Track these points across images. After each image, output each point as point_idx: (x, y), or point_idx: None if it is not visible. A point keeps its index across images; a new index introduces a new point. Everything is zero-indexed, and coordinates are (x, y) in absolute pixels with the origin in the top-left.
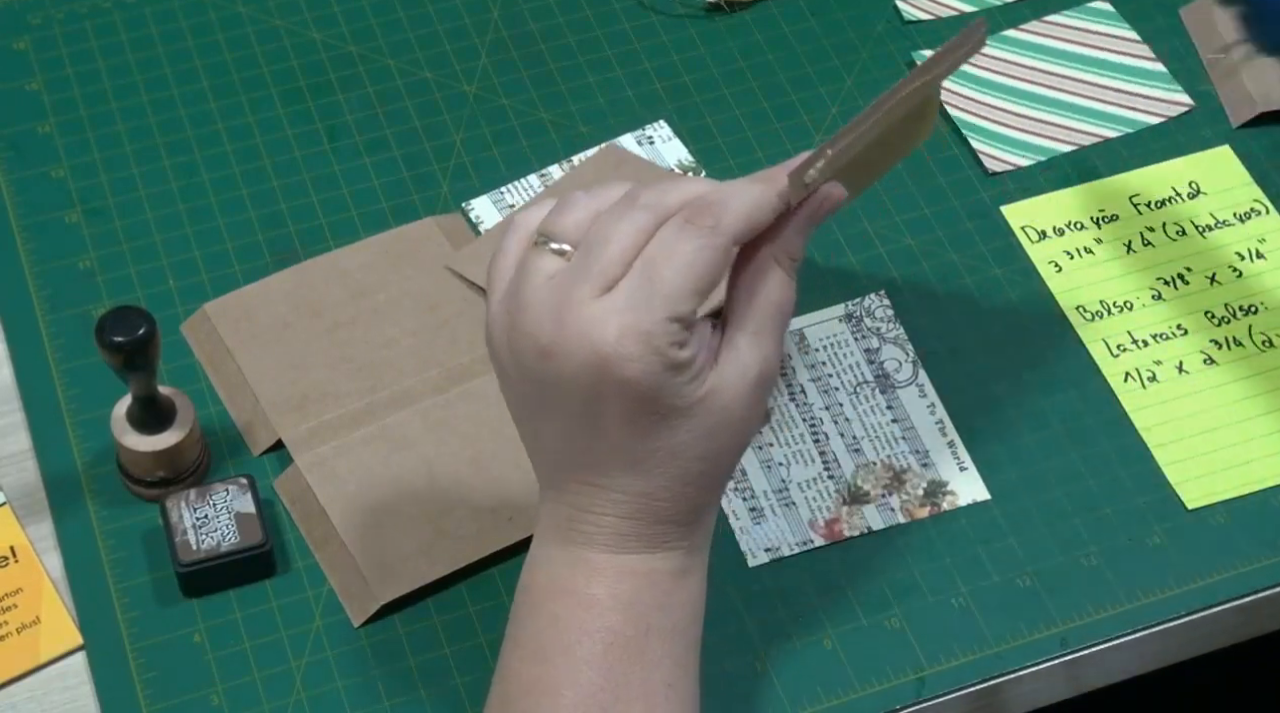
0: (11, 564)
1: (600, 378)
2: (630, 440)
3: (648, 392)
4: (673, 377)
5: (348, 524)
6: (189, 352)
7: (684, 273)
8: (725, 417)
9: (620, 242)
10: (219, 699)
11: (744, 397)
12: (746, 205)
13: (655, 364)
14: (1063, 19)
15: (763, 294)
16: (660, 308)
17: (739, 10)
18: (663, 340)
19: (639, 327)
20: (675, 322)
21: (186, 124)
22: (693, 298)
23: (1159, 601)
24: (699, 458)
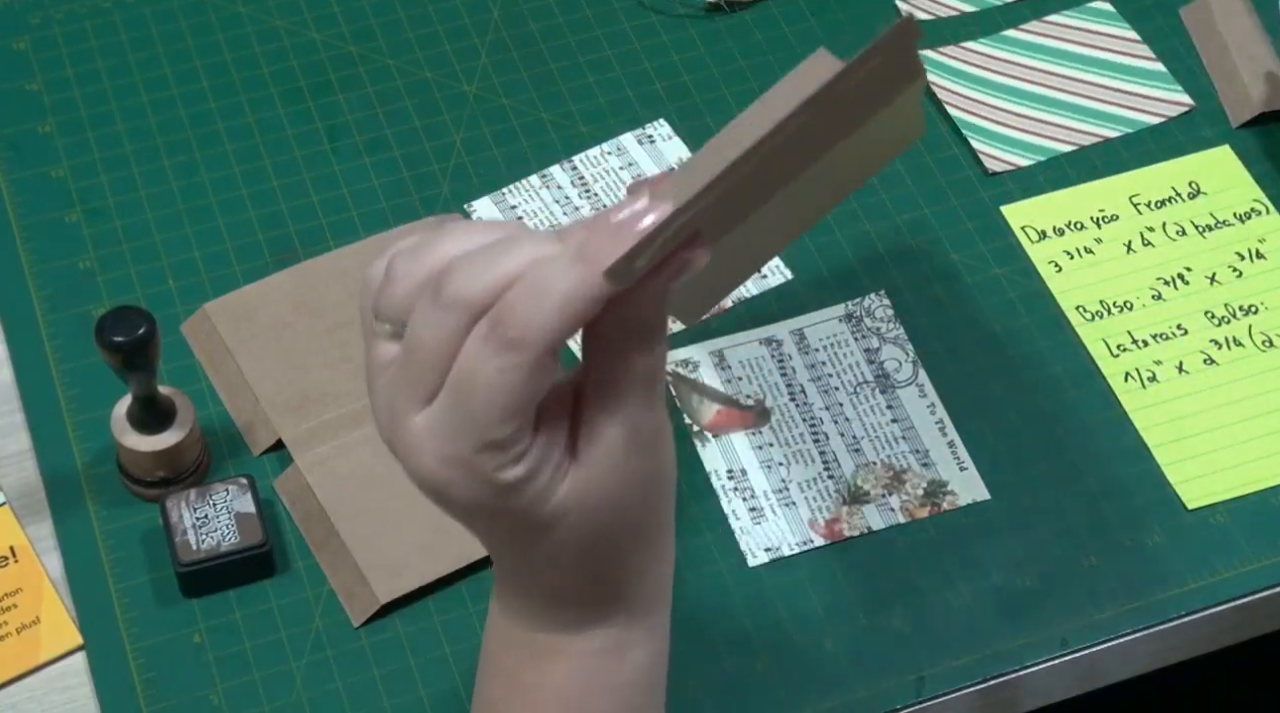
0: (11, 564)
1: (439, 498)
2: (502, 548)
3: (489, 513)
4: (509, 497)
5: (348, 524)
6: (189, 352)
7: (493, 398)
8: (598, 501)
9: (432, 348)
10: (219, 699)
11: (618, 474)
12: (558, 304)
13: (484, 490)
14: (1063, 19)
15: (615, 369)
16: (475, 435)
17: (739, 10)
18: (485, 467)
19: (457, 455)
20: (493, 448)
21: (186, 124)
22: (506, 422)
23: (1159, 600)
24: (587, 549)
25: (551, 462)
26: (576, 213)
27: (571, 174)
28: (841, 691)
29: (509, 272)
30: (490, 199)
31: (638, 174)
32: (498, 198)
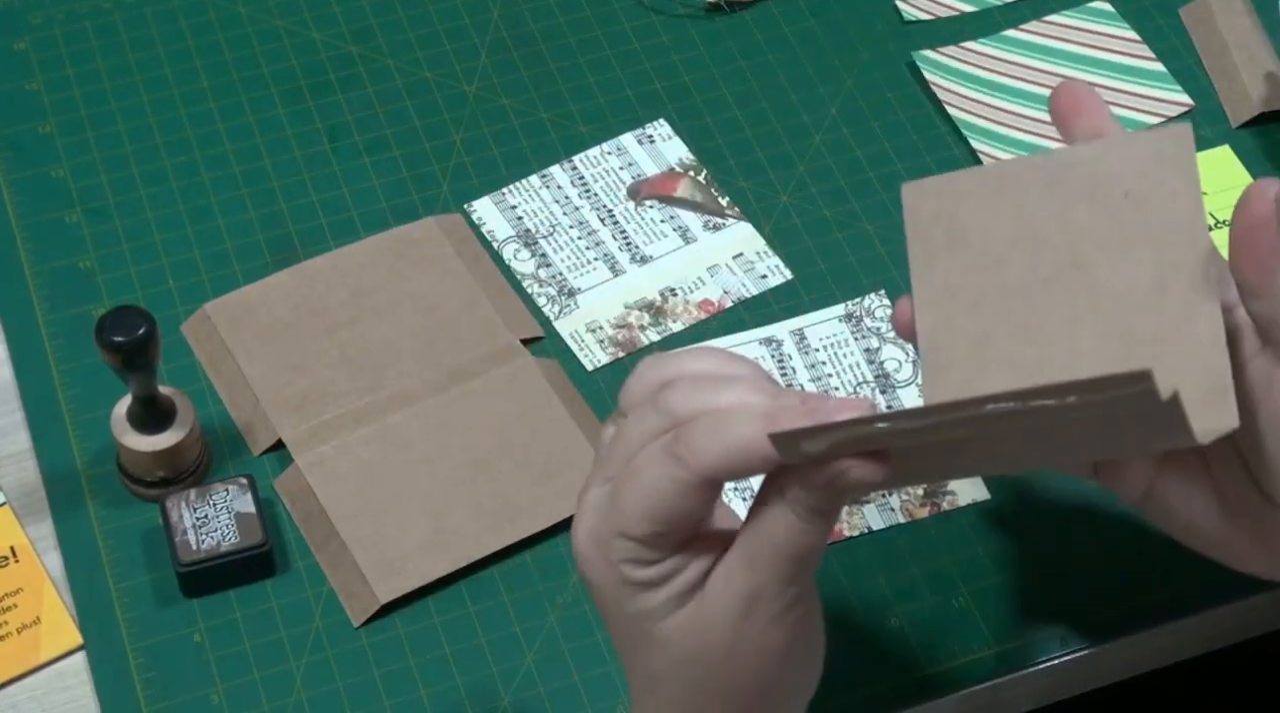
0: (11, 564)
1: (581, 568)
2: (620, 647)
3: (610, 601)
4: (634, 595)
5: (348, 524)
6: (189, 352)
7: (638, 496)
8: (708, 644)
9: (629, 441)
10: (219, 699)
11: (731, 626)
12: (726, 443)
13: (610, 575)
14: (1063, 19)
15: (762, 527)
16: (617, 522)
17: (739, 10)
18: (617, 554)
19: (598, 534)
20: (630, 540)
21: (186, 124)
22: (644, 523)
23: (1159, 601)
24: (686, 688)
25: (679, 581)
26: (576, 213)
27: (571, 174)
28: (841, 691)
29: (716, 403)
30: (490, 199)
31: (638, 174)
32: (498, 198)
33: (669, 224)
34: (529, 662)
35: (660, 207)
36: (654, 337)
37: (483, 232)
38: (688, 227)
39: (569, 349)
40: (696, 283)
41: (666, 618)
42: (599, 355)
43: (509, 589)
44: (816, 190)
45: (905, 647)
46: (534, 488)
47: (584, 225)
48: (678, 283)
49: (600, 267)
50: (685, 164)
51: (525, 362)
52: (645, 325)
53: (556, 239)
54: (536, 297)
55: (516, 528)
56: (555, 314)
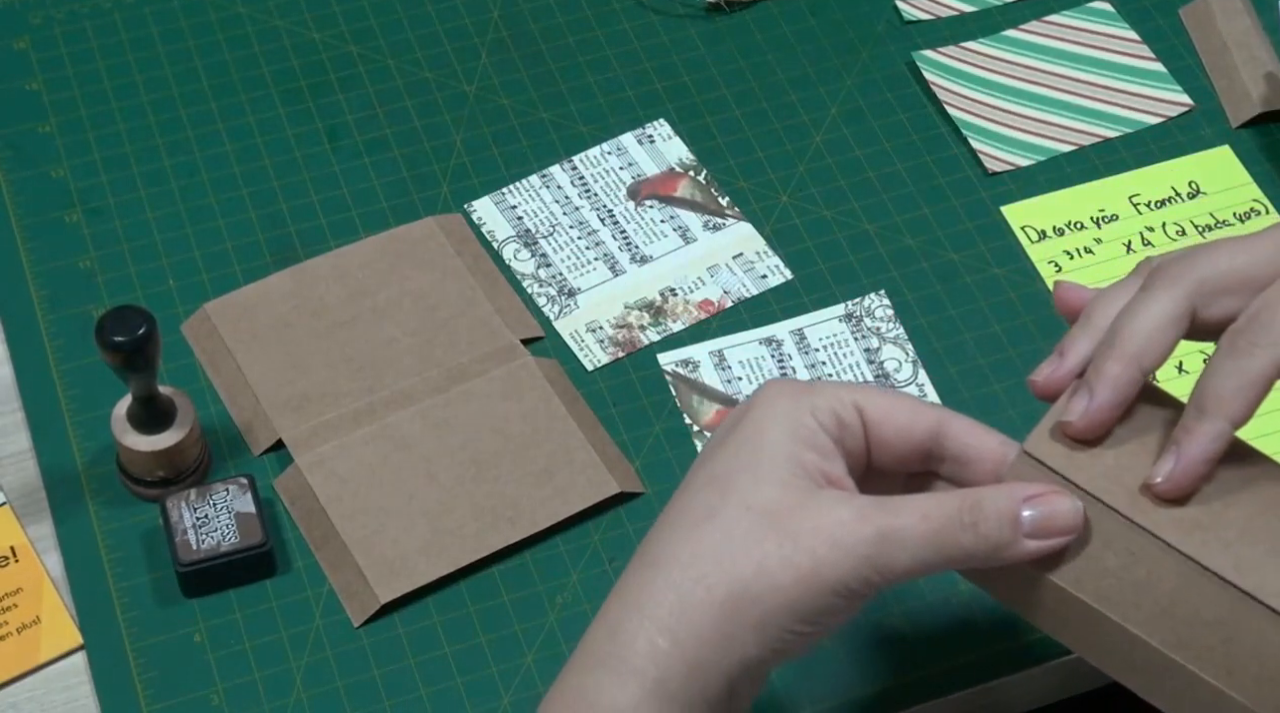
0: (11, 564)
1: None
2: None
3: (762, 433)
4: (800, 448)
5: (348, 524)
6: (189, 352)
7: (877, 393)
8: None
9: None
10: (219, 699)
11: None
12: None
13: (789, 425)
14: (1063, 19)
15: (945, 504)
16: (833, 387)
17: (739, 10)
18: (821, 399)
19: (800, 393)
20: (835, 403)
21: (186, 124)
22: (859, 393)
23: None
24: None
25: (837, 470)
26: (576, 213)
27: (571, 174)
28: (841, 691)
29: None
30: (490, 199)
31: (638, 174)
32: (498, 198)
33: (669, 224)
34: (529, 662)
35: (660, 207)
36: (654, 336)
37: (483, 232)
38: (688, 227)
39: (569, 349)
40: (696, 283)
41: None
42: (599, 355)
43: (509, 589)
44: (816, 190)
45: (905, 647)
46: (534, 488)
47: (584, 225)
48: (678, 283)
49: (600, 267)
50: (685, 164)
51: (525, 362)
52: (645, 325)
53: (556, 239)
54: (536, 297)
55: (516, 528)
56: (555, 314)
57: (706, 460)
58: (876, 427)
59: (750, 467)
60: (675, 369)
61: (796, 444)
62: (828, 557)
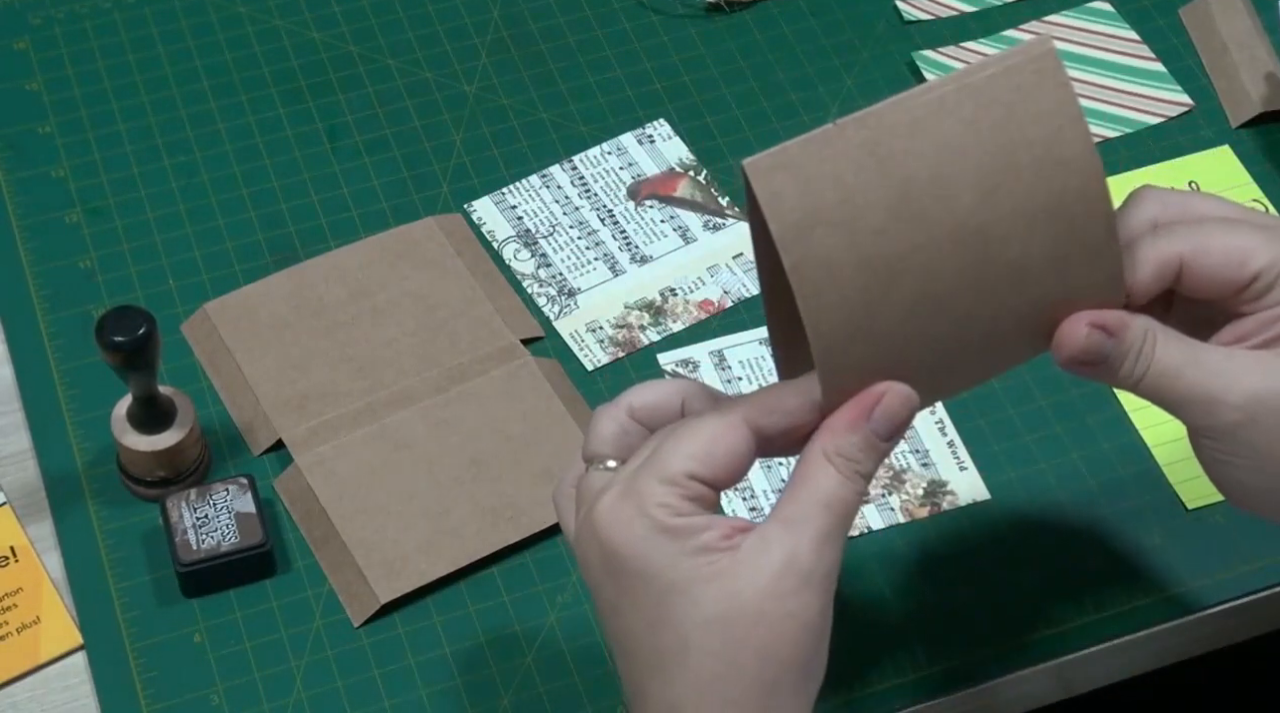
0: (11, 564)
1: (601, 555)
2: (640, 629)
3: (636, 558)
4: (665, 543)
5: (348, 524)
6: (189, 352)
7: (682, 440)
8: (742, 607)
9: (653, 440)
10: (219, 699)
11: (763, 587)
12: (769, 391)
13: (640, 525)
14: (1063, 19)
15: (803, 484)
16: (651, 470)
17: (739, 10)
18: (649, 501)
19: (627, 488)
20: (668, 485)
21: (186, 124)
22: (687, 461)
23: (1159, 601)
24: (715, 655)
25: (711, 534)
26: (576, 213)
27: (571, 174)
28: (841, 690)
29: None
30: (490, 199)
31: (638, 174)
32: (498, 198)
33: (669, 224)
34: (529, 662)
35: (660, 207)
36: (654, 336)
37: (483, 232)
38: (688, 227)
39: (569, 349)
40: (696, 283)
41: (696, 570)
42: (599, 355)
43: (509, 589)
44: None
45: (905, 647)
46: (534, 488)
47: (584, 225)
48: (678, 283)
49: (600, 267)
50: (685, 164)
51: (525, 362)
52: (645, 325)
53: (556, 239)
54: (536, 297)
55: (516, 528)
56: (555, 314)
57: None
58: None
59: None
60: (675, 369)
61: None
62: (790, 586)
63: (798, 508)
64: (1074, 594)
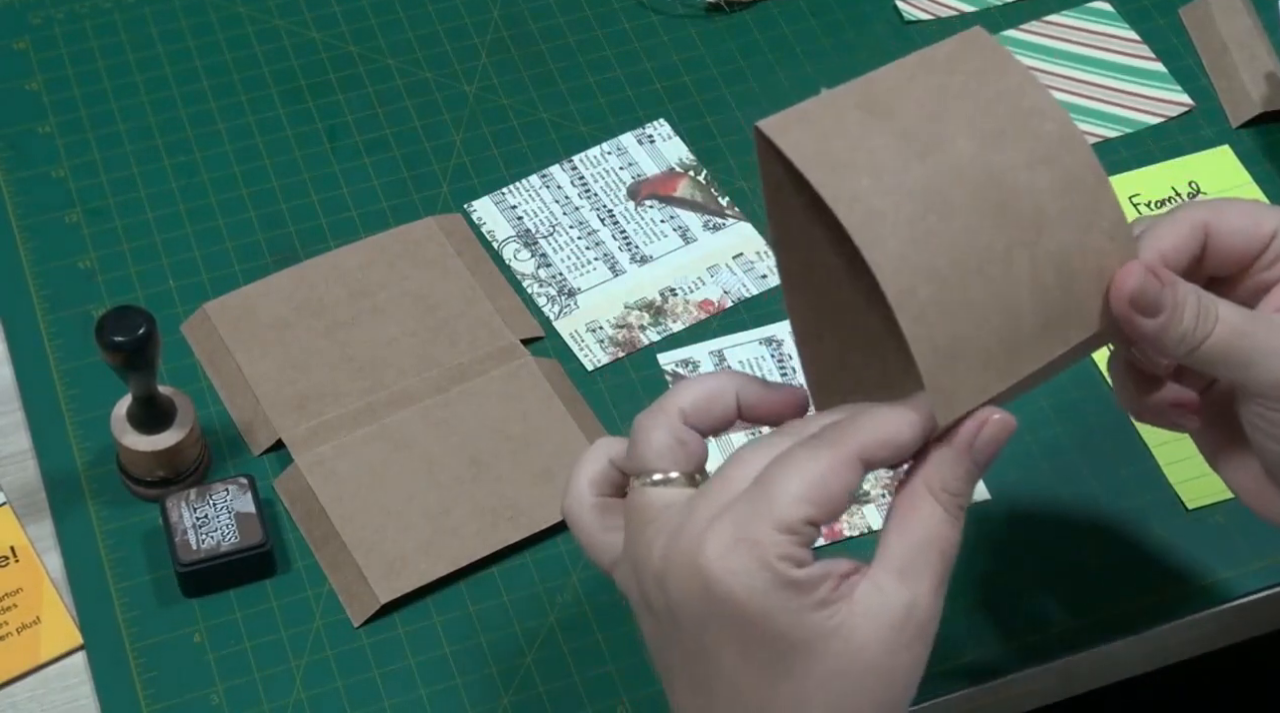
0: (11, 564)
1: (706, 598)
2: (747, 681)
3: (756, 613)
4: (788, 599)
5: (348, 524)
6: (189, 352)
7: (794, 479)
8: (863, 662)
9: (747, 462)
10: (219, 699)
11: (883, 641)
12: (878, 420)
13: (762, 579)
14: (1063, 19)
15: (913, 525)
16: (766, 513)
17: (739, 10)
18: (771, 552)
19: (743, 535)
20: (787, 533)
21: (186, 124)
22: (803, 505)
23: (1159, 601)
24: (833, 708)
25: (829, 585)
26: (576, 213)
27: (571, 174)
28: None
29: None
30: (490, 199)
31: (638, 174)
32: (498, 198)
33: (669, 224)
34: (529, 662)
35: (660, 207)
36: (654, 336)
37: (483, 232)
38: (688, 227)
39: (569, 349)
40: (696, 283)
41: (819, 626)
42: (599, 355)
43: (509, 589)
44: None
45: None
46: (534, 488)
47: (584, 225)
48: (678, 283)
49: (600, 267)
50: (685, 164)
51: (525, 362)
52: (645, 325)
53: (556, 239)
54: (536, 297)
55: (516, 528)
56: (555, 314)
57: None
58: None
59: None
60: (675, 369)
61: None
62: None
63: (911, 554)
64: (1074, 594)
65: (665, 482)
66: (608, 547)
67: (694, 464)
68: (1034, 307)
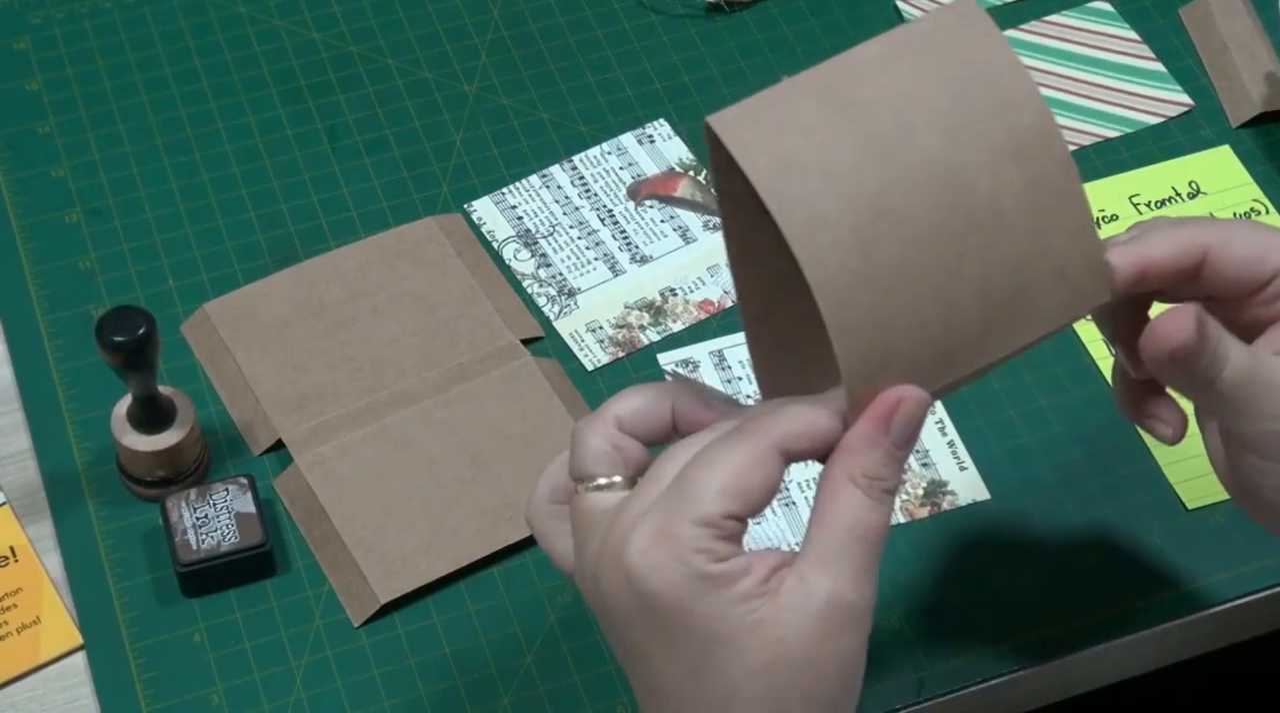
0: (11, 564)
1: (631, 595)
2: (675, 676)
3: (676, 607)
4: (707, 592)
5: (348, 524)
6: (189, 352)
7: (711, 471)
8: (787, 653)
9: (675, 459)
10: (219, 699)
11: (808, 632)
12: (795, 413)
13: (680, 574)
14: (1063, 19)
15: (832, 514)
16: (685, 509)
17: (739, 10)
18: (688, 546)
19: (662, 530)
20: (705, 526)
21: (186, 124)
22: (722, 499)
23: (1159, 601)
24: (762, 702)
25: (752, 579)
26: (576, 213)
27: (571, 174)
28: None
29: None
30: (490, 199)
31: (638, 174)
32: (498, 198)
33: (669, 224)
34: (529, 662)
35: (660, 206)
36: (654, 336)
37: (483, 232)
38: (688, 227)
39: (569, 349)
40: (696, 283)
41: (741, 619)
42: (599, 355)
43: (509, 589)
44: None
45: (905, 647)
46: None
47: (584, 225)
48: (678, 283)
49: (600, 267)
50: (685, 164)
51: (525, 362)
52: (645, 325)
53: (556, 239)
54: (536, 297)
55: (516, 528)
56: (555, 314)
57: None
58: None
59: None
60: (675, 369)
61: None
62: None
63: (831, 543)
64: (1074, 594)
65: (606, 487)
66: (565, 553)
67: (632, 469)
68: (980, 313)
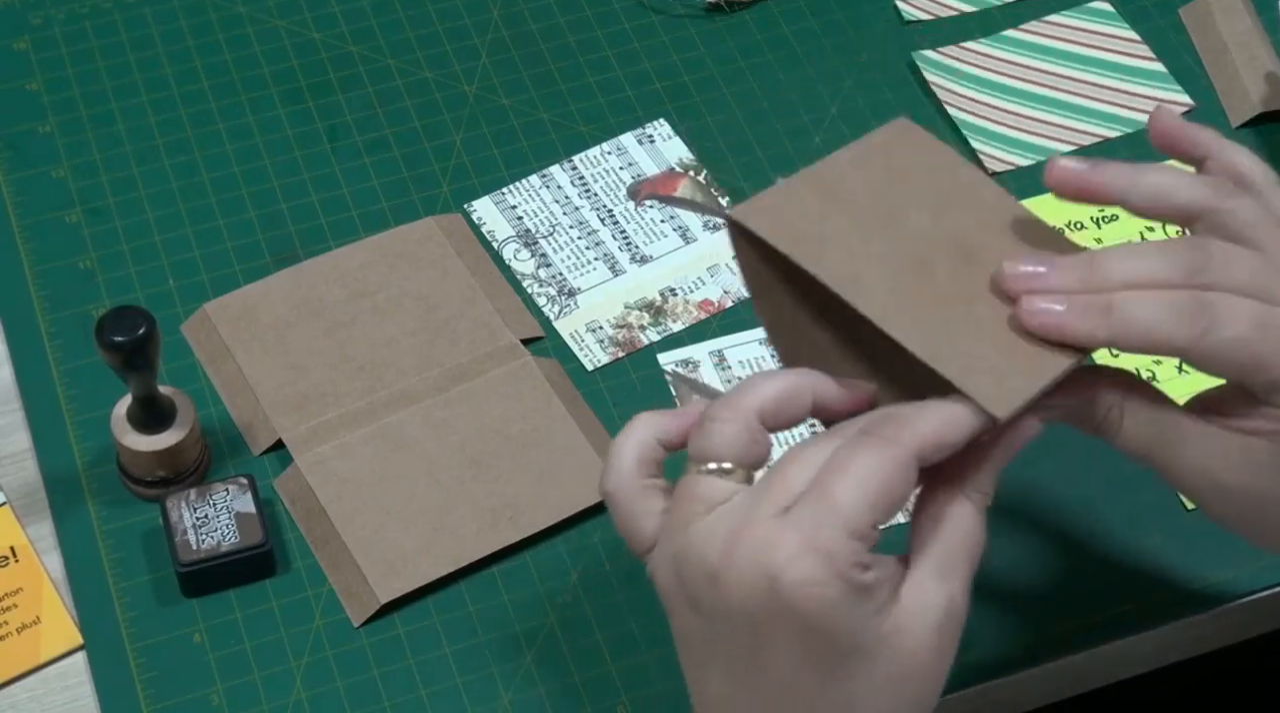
0: (11, 564)
1: (770, 603)
2: (801, 685)
3: (825, 621)
4: (858, 604)
5: (348, 524)
6: (189, 352)
7: (859, 485)
8: (910, 664)
9: (805, 461)
10: (219, 699)
11: (929, 640)
12: (934, 420)
13: (836, 589)
14: (1063, 19)
15: (949, 527)
16: (835, 520)
17: (739, 10)
18: (845, 561)
19: (813, 541)
20: (858, 540)
21: (186, 124)
22: (870, 513)
23: (1159, 601)
24: (874, 710)
25: (886, 588)
26: (576, 213)
27: (571, 174)
28: None
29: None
30: (490, 199)
31: (638, 174)
32: (498, 198)
33: (669, 224)
34: (529, 662)
35: (660, 206)
36: (654, 336)
37: (483, 232)
38: (688, 227)
39: (569, 349)
40: (696, 283)
41: (878, 629)
42: (599, 355)
43: (509, 589)
44: None
45: None
46: (534, 488)
47: (584, 225)
48: (678, 283)
49: (600, 267)
50: (685, 164)
51: (525, 362)
52: (645, 325)
53: (556, 239)
54: (536, 297)
55: (516, 528)
56: (555, 314)
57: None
58: None
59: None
60: (675, 369)
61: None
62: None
63: (948, 553)
64: (1074, 594)
65: (723, 472)
66: (648, 533)
67: (758, 462)
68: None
